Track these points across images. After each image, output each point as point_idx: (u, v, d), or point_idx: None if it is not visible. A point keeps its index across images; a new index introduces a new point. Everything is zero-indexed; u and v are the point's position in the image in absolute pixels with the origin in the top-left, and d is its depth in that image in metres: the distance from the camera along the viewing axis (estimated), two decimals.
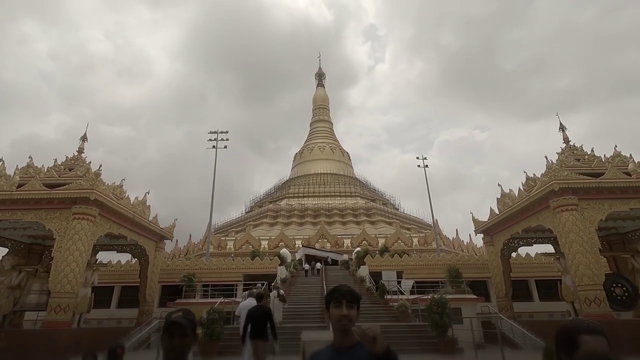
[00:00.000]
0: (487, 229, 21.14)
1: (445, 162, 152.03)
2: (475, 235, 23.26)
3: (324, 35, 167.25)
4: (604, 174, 15.24)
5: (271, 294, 14.08)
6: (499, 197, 20.04)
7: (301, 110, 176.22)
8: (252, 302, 8.93)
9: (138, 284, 19.74)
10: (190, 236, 41.55)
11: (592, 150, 18.08)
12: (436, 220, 32.89)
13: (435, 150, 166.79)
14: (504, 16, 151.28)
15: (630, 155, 16.51)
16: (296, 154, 69.55)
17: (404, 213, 54.70)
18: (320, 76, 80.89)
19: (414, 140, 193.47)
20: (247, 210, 58.64)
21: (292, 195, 54.98)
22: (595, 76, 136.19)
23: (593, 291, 13.46)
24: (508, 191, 19.52)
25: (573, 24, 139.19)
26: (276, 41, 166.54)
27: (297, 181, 60.01)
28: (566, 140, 18.94)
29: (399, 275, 22.85)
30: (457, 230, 41.28)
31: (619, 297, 16.05)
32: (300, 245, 36.13)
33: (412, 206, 63.90)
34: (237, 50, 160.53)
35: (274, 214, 49.97)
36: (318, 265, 29.65)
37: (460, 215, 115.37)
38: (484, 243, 22.27)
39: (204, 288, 21.34)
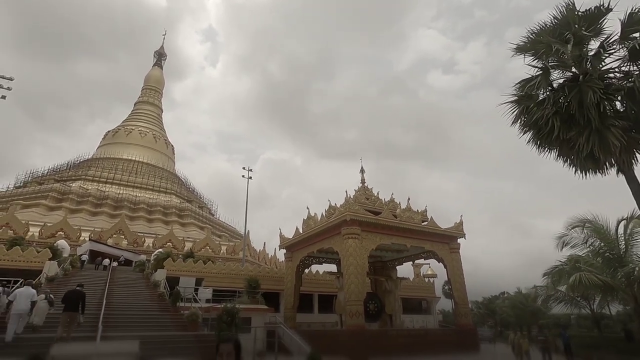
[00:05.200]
0: (290, 246, 23.20)
1: (264, 178, 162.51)
2: (279, 250, 25.12)
3: (151, 17, 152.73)
4: (381, 213, 19.32)
5: (38, 297, 11.29)
6: (305, 218, 22.44)
7: (106, 86, 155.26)
8: (28, 290, 10.70)
9: None
10: None
11: (377, 194, 22.67)
12: (248, 231, 33.83)
13: (259, 166, 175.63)
14: (320, 68, 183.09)
15: (399, 202, 21.56)
16: (108, 132, 59.17)
17: (218, 219, 53.89)
18: (160, 55, 72.64)
19: (242, 151, 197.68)
20: (17, 185, 45.35)
21: (90, 178, 46.03)
22: (370, 138, 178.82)
23: (356, 306, 16.51)
24: (313, 214, 22.13)
25: (362, 93, 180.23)
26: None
27: (101, 163, 50.73)
28: (363, 181, 23.13)
29: (200, 282, 22.12)
30: (264, 243, 43.60)
31: (371, 312, 20.28)
32: (87, 239, 30.28)
33: (218, 213, 61.88)
34: None
35: (58, 195, 40.45)
36: (106, 261, 25.48)
37: (266, 230, 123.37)
38: (285, 258, 24.29)
39: None
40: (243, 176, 31.79)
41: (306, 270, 24.44)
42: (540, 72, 9.75)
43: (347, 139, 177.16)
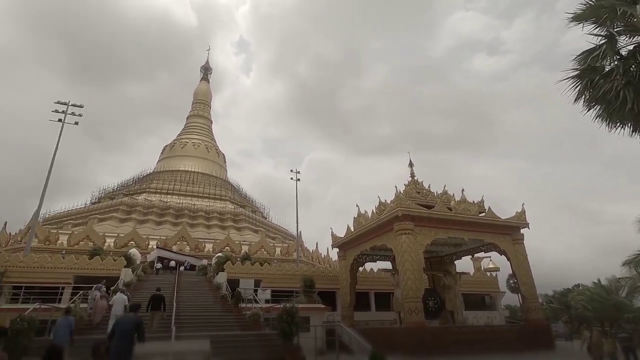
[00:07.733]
0: (342, 244, 23.25)
1: (308, 179, 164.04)
2: (332, 249, 25.28)
3: (184, 36, 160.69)
4: (434, 206, 18.67)
5: (115, 298, 13.84)
6: (355, 216, 22.35)
7: (150, 104, 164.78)
8: (122, 296, 13.53)
9: None
10: (6, 225, 33.11)
11: (429, 187, 21.95)
12: (300, 232, 34.50)
13: (303, 167, 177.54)
14: (348, 65, 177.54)
15: (453, 194, 20.68)
16: (166, 146, 63.65)
17: (271, 222, 55.53)
18: (206, 70, 76.77)
19: (286, 154, 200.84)
20: (93, 202, 50.26)
21: (153, 190, 49.76)
22: (405, 130, 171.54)
23: (415, 303, 16.11)
24: (364, 212, 21.97)
25: (395, 85, 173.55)
26: (121, 25, 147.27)
27: (162, 176, 54.70)
28: (412, 174, 22.53)
29: (258, 283, 22.94)
30: (317, 243, 44.10)
31: (431, 309, 19.65)
32: (155, 247, 32.75)
33: (270, 216, 62.55)
34: (71, 21, 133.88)
35: (127, 208, 44.20)
36: (172, 263, 27.62)
37: (316, 229, 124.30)
38: (338, 257, 24.38)
39: (16, 290, 17.20)
40: (292, 178, 32.54)
41: (360, 268, 24.33)
42: (605, 40, 8.81)
43: (382, 134, 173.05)
